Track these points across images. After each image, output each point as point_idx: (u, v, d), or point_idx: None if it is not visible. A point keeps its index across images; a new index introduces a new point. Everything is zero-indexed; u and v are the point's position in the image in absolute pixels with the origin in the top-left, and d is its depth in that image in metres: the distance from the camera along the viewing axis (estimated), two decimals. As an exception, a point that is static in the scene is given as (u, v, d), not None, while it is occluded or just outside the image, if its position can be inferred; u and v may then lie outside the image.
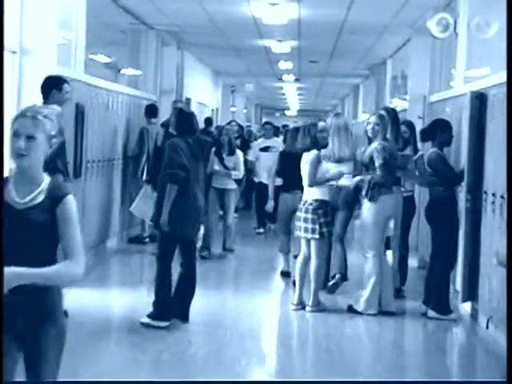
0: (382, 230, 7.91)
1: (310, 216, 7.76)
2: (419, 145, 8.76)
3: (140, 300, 7.84)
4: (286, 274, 9.69)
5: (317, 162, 7.87)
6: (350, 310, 7.89)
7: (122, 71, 14.36)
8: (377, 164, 7.68)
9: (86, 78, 9.85)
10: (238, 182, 11.32)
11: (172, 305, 6.95)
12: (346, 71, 20.82)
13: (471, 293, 7.79)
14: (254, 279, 9.73)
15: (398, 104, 15.12)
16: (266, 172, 12.84)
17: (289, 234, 9.36)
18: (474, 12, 9.34)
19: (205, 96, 21.01)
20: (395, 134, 8.04)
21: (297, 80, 24.13)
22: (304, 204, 7.85)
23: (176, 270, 7.02)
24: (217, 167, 10.86)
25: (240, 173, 11.04)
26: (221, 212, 14.26)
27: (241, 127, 17.26)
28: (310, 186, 7.87)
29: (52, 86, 6.91)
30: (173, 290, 6.98)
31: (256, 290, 8.99)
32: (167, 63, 15.10)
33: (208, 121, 16.89)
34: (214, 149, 10.30)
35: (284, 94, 32.74)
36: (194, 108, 18.55)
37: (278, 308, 8.59)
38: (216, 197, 10.94)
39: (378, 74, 18.84)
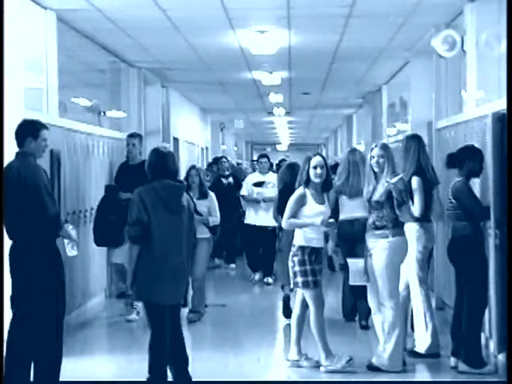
0: (399, 274, 7.05)
1: (290, 263, 7.07)
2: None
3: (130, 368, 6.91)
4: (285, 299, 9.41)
5: (300, 201, 6.97)
6: (371, 367, 6.94)
7: (105, 113, 13.50)
8: (400, 199, 6.82)
9: (62, 122, 9.02)
10: (212, 229, 9.37)
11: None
12: (338, 102, 20.05)
13: (507, 342, 6.85)
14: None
15: (400, 129, 14.31)
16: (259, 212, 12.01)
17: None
18: (482, 27, 8.54)
19: (193, 135, 20.21)
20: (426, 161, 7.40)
21: (287, 113, 23.39)
22: None
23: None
24: None
25: (217, 218, 9.28)
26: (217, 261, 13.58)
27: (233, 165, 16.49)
28: (285, 227, 7.14)
29: (27, 133, 5.94)
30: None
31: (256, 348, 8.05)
32: (151, 102, 14.31)
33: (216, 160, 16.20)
34: None
35: (275, 129, 32.00)
36: (182, 148, 17.77)
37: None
38: None
39: (372, 102, 18.05)
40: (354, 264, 7.21)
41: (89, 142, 10.16)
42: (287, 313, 9.02)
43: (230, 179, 13.68)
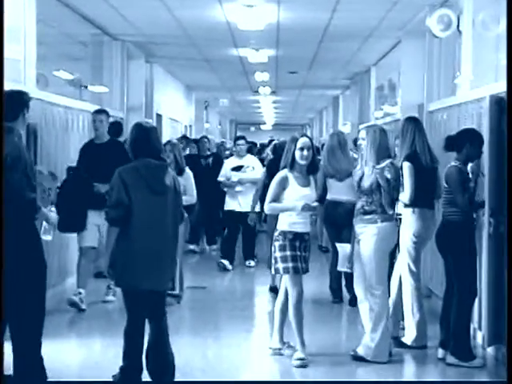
0: (387, 261, 6.78)
1: (272, 248, 6.77)
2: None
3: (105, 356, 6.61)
4: (274, 290, 9.24)
5: (282, 184, 6.60)
6: (356, 357, 6.65)
7: (88, 88, 13.11)
8: (386, 186, 6.52)
9: (39, 95, 8.65)
10: (186, 209, 9.00)
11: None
12: (325, 82, 19.70)
13: (497, 335, 6.60)
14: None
15: (388, 111, 14.01)
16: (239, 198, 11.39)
17: None
18: (478, 7, 8.24)
19: (177, 112, 19.83)
20: (422, 145, 7.04)
21: (273, 93, 23.04)
22: None
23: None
24: None
25: (192, 197, 8.81)
26: (191, 246, 12.87)
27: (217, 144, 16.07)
28: (266, 211, 6.82)
29: (21, 106, 5.28)
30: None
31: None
32: (134, 77, 13.94)
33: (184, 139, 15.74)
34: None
35: (259, 108, 31.64)
36: (165, 125, 17.40)
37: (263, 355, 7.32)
38: None
39: (360, 83, 17.73)
40: (343, 249, 6.92)
41: (68, 116, 9.80)
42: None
43: (210, 160, 13.06)
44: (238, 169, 11.53)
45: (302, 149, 6.57)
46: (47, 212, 5.28)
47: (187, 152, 13.45)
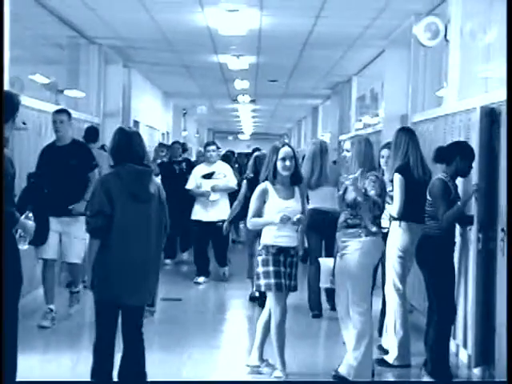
0: (371, 277, 6.51)
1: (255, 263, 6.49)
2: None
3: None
4: (254, 299, 9.30)
5: (262, 197, 6.26)
6: (337, 377, 6.36)
7: (64, 92, 12.77)
8: (373, 197, 6.22)
9: (11, 97, 8.29)
10: None
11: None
12: (305, 91, 19.47)
13: (485, 355, 6.34)
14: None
15: (368, 122, 13.79)
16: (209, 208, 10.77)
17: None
18: (467, 16, 8.02)
19: (154, 119, 19.52)
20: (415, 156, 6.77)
21: (252, 101, 22.77)
22: None
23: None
24: None
25: None
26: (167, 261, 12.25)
27: (185, 149, 15.66)
28: (249, 227, 6.52)
29: (13, 107, 4.95)
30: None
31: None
32: (112, 82, 13.67)
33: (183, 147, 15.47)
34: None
35: (238, 117, 31.38)
36: (142, 132, 17.05)
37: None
38: None
39: (341, 93, 17.52)
40: (325, 264, 6.63)
41: (41, 121, 9.46)
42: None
43: (183, 165, 12.41)
44: (208, 176, 10.90)
45: (283, 159, 6.25)
46: (25, 221, 4.98)
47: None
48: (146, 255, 5.17)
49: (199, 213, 10.86)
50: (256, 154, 9.89)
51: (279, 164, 6.26)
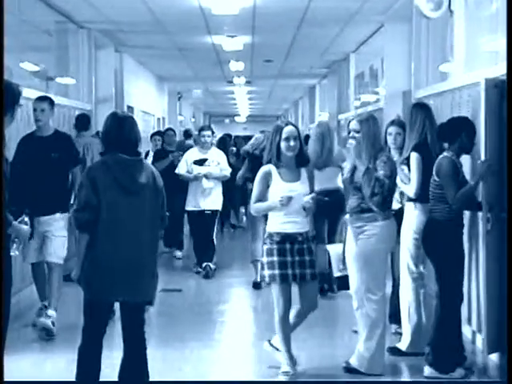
0: (387, 263, 6.17)
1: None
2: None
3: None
4: (258, 286, 9.19)
5: (265, 181, 5.84)
6: (349, 369, 6.03)
7: (56, 80, 12.39)
8: (385, 180, 5.84)
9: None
10: None
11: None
12: (301, 71, 19.08)
13: (500, 342, 6.00)
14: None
15: (367, 100, 13.42)
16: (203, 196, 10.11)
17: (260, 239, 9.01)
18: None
19: (149, 104, 19.14)
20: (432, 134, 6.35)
21: (248, 83, 22.40)
22: None
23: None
24: None
25: None
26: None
27: (189, 135, 15.31)
28: (253, 213, 6.15)
29: (14, 99, 4.58)
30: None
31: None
32: (103, 68, 13.30)
33: (186, 133, 15.09)
34: None
35: (234, 99, 30.99)
36: (137, 118, 16.66)
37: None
38: None
39: (338, 72, 17.14)
40: (335, 250, 6.26)
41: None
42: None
43: (177, 154, 11.12)
44: (200, 162, 10.14)
45: (287, 139, 5.80)
46: (19, 226, 4.65)
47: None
48: (138, 249, 4.80)
49: (191, 202, 10.21)
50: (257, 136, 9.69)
51: (283, 144, 5.81)
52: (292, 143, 5.81)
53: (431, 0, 7.65)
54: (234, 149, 16.32)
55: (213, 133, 10.75)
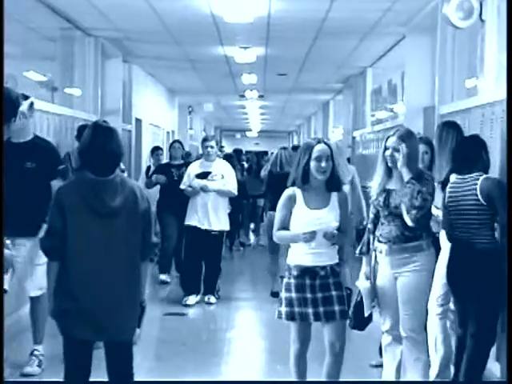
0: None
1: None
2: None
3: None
4: (275, 295, 8.51)
5: (288, 206, 5.16)
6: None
7: (57, 89, 11.89)
8: (428, 196, 5.16)
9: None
10: None
11: None
12: (316, 85, 18.53)
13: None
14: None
15: (387, 116, 12.87)
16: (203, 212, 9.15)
17: (277, 253, 9.45)
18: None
19: (158, 117, 18.62)
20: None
21: (261, 97, 21.87)
22: None
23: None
24: None
25: None
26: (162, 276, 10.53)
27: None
28: (276, 241, 5.40)
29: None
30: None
31: None
32: (111, 78, 12.80)
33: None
34: None
35: (246, 114, 30.48)
36: (145, 131, 16.20)
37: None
38: None
39: (354, 87, 16.59)
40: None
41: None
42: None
43: (184, 170, 9.83)
44: (203, 176, 9.26)
45: (318, 159, 5.09)
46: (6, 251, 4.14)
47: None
48: (112, 280, 4.18)
49: (193, 217, 9.19)
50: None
51: (312, 165, 5.10)
52: (323, 164, 5.10)
53: (461, 8, 7.09)
54: (246, 164, 15.87)
55: (217, 143, 9.76)
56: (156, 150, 12.59)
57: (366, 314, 5.35)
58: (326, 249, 5.12)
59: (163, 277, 10.62)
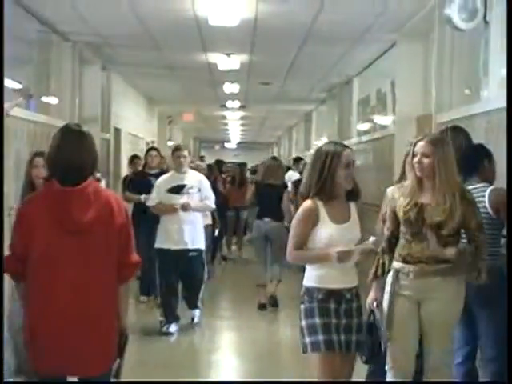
0: None
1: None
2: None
3: None
4: (263, 307, 9.48)
5: (311, 220, 4.50)
6: None
7: (33, 96, 11.34)
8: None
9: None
10: None
11: None
12: (299, 95, 18.11)
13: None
14: None
15: (375, 126, 12.44)
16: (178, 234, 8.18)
17: (265, 263, 9.63)
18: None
19: (138, 127, 18.12)
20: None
21: (242, 107, 21.43)
22: None
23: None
24: None
25: None
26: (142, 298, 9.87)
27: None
28: (290, 261, 4.66)
29: None
30: None
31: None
32: (89, 85, 12.33)
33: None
34: None
35: (226, 125, 30.04)
36: (124, 140, 15.69)
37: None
38: None
39: (339, 96, 16.17)
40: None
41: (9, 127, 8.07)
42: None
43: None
44: (177, 190, 8.27)
45: (348, 166, 4.51)
46: None
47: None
48: (83, 305, 3.65)
49: (164, 238, 8.24)
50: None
51: (343, 173, 4.48)
52: (352, 172, 4.55)
53: (465, 9, 6.66)
54: (228, 177, 15.50)
55: (189, 153, 8.89)
56: (134, 159, 12.10)
57: (384, 345, 4.71)
58: (351, 268, 4.57)
59: (144, 298, 10.02)
